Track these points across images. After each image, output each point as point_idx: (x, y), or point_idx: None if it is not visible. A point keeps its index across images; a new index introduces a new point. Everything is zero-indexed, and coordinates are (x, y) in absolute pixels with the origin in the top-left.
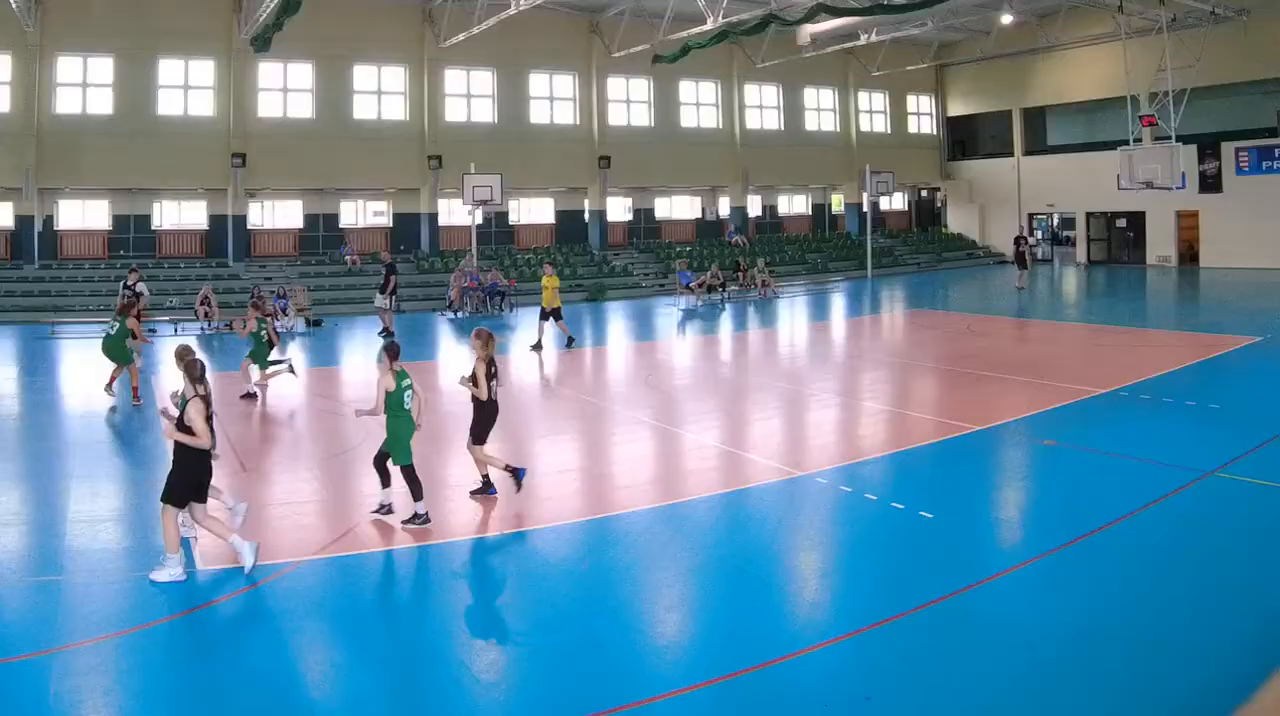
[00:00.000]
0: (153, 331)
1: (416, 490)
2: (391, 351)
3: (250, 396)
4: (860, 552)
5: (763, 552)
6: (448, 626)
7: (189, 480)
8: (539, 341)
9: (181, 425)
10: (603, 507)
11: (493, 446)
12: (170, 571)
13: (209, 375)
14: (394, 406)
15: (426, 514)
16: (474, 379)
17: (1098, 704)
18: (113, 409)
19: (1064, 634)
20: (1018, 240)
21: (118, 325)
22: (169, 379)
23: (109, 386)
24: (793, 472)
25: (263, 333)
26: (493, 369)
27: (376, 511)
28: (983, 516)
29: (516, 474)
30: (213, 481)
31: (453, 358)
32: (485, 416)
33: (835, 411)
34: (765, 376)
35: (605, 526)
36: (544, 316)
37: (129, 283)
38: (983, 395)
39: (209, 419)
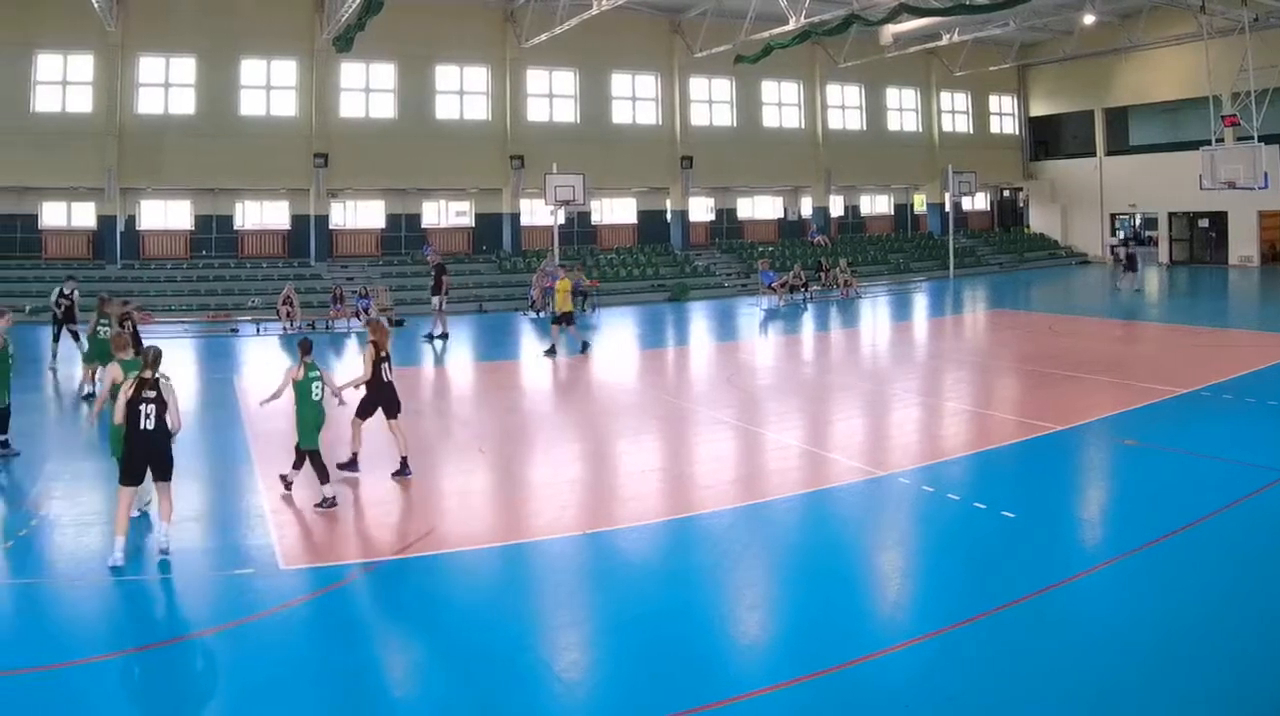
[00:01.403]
0: (234, 331)
1: (322, 474)
2: (304, 346)
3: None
4: (942, 552)
5: (845, 552)
6: (530, 626)
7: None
8: (552, 347)
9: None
10: (685, 508)
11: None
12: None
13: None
14: (302, 395)
15: (334, 498)
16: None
17: (1185, 707)
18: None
19: (1147, 634)
20: (1125, 242)
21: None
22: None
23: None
24: (875, 472)
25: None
26: (383, 354)
27: (319, 505)
28: (1065, 516)
29: (352, 465)
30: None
31: (533, 358)
32: (370, 397)
33: (917, 411)
34: (847, 376)
35: (687, 526)
36: (555, 321)
37: (66, 291)
38: (1064, 395)
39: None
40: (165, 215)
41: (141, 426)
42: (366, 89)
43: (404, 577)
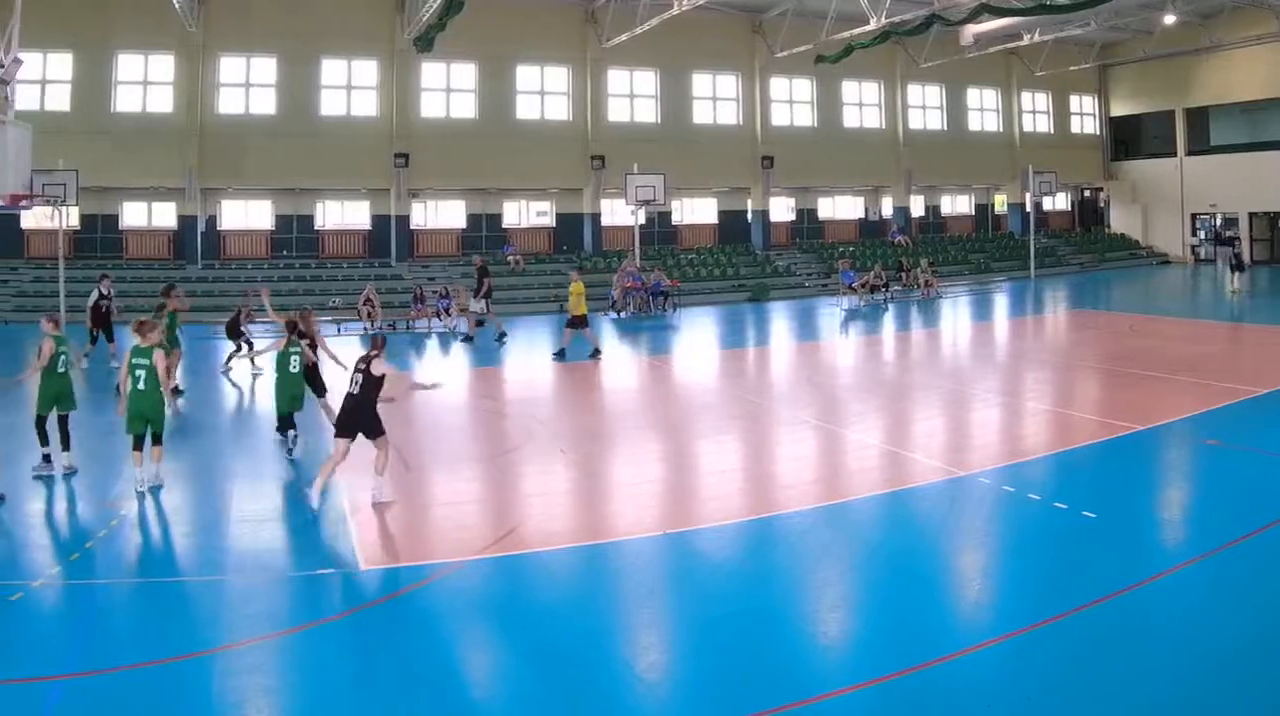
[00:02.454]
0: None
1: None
2: (289, 325)
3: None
4: (1022, 553)
5: (925, 552)
6: (610, 626)
7: None
8: (561, 350)
9: None
10: (766, 508)
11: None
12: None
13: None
14: (280, 367)
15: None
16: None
17: (1272, 712)
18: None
19: (1230, 635)
20: (1231, 241)
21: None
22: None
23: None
24: (955, 472)
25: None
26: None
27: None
28: (1146, 516)
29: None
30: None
31: (612, 358)
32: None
33: (998, 411)
34: (928, 376)
35: (768, 526)
36: (570, 324)
37: (104, 290)
38: (1145, 395)
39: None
40: (246, 215)
41: (349, 391)
42: (447, 89)
43: (485, 577)
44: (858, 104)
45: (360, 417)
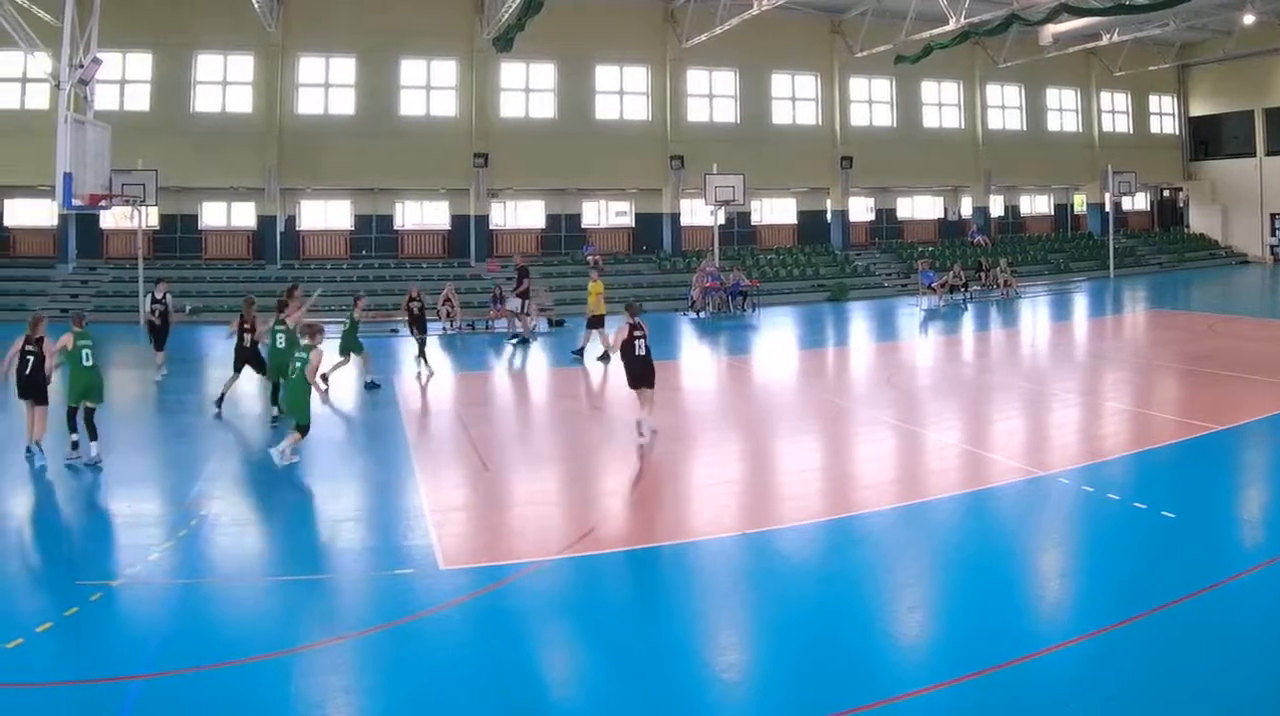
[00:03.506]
0: (394, 331)
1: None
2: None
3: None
4: (1102, 552)
5: (1004, 552)
6: (690, 626)
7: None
8: (581, 348)
9: None
10: (845, 508)
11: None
12: None
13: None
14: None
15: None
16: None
17: None
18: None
19: None
20: None
21: (349, 322)
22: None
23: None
24: (1034, 472)
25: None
26: (246, 326)
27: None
28: (1225, 516)
29: None
30: None
31: (693, 358)
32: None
33: (1077, 411)
34: (1007, 376)
35: (847, 526)
36: (590, 324)
37: (158, 295)
38: (1225, 395)
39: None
40: (325, 215)
41: (635, 353)
42: (526, 89)
43: (564, 577)
44: (937, 104)
45: (648, 371)
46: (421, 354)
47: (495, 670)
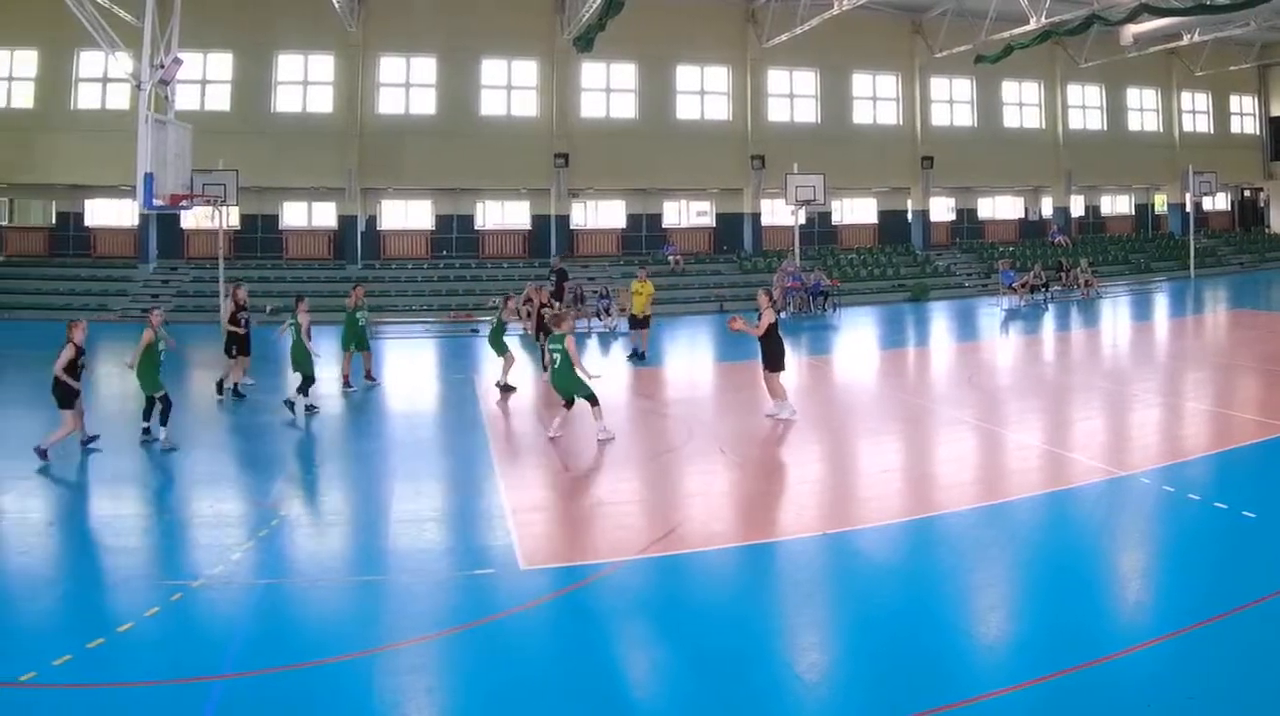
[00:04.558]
0: (475, 331)
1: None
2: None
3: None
4: (1182, 553)
5: (1084, 552)
6: (770, 626)
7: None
8: (637, 351)
9: None
10: (925, 508)
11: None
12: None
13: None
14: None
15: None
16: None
17: None
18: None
19: None
20: None
21: (495, 322)
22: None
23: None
24: (1115, 472)
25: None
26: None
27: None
28: None
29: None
30: None
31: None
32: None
33: (1158, 411)
34: (1088, 376)
35: (928, 527)
36: (633, 325)
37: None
38: None
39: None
40: (406, 215)
41: (777, 336)
42: (607, 89)
43: (645, 578)
44: (1018, 104)
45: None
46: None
47: (576, 670)
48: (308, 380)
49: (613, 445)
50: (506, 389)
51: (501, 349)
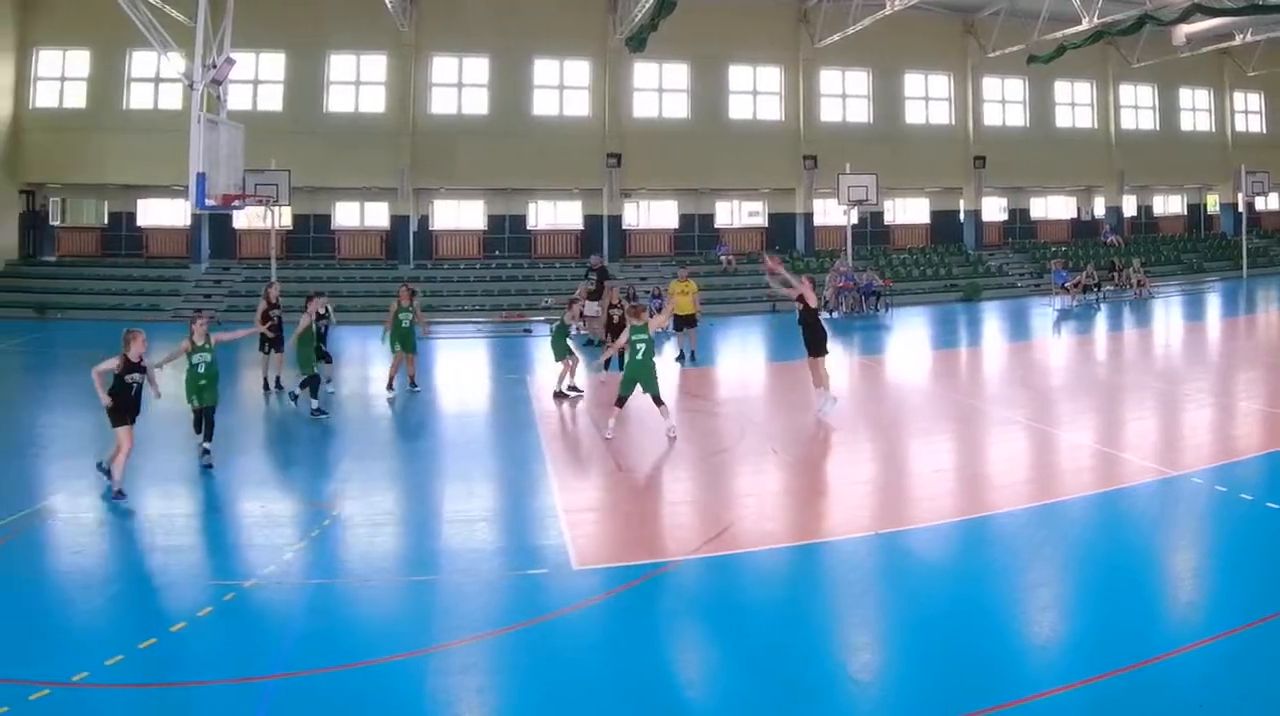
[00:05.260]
0: (528, 331)
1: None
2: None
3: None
4: (1234, 552)
5: (1137, 552)
6: (823, 626)
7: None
8: (685, 352)
9: None
10: (977, 508)
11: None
12: None
13: None
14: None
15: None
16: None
17: None
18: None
19: None
20: None
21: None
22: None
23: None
24: (1167, 472)
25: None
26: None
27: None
28: None
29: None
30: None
31: (827, 357)
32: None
33: (1210, 411)
34: (1140, 376)
35: (980, 526)
36: (681, 325)
37: (322, 310)
38: None
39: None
40: (458, 215)
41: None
42: (659, 89)
43: (698, 577)
44: (1070, 104)
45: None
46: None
47: (628, 670)
48: (308, 380)
49: (666, 445)
50: (571, 391)
51: (562, 352)
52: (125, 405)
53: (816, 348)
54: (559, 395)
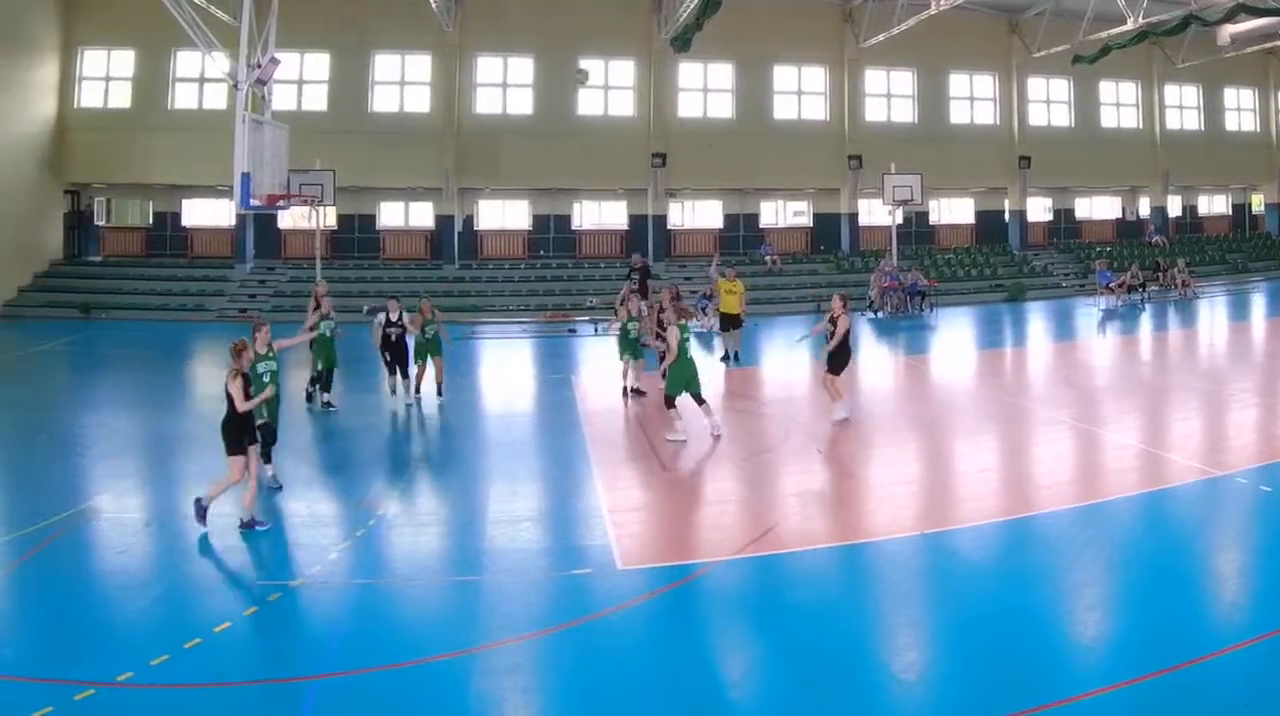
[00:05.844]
0: (572, 331)
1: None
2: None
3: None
4: None
5: (1182, 552)
6: (867, 626)
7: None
8: (730, 353)
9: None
10: (1022, 508)
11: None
12: None
13: None
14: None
15: None
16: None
17: None
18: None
19: None
20: None
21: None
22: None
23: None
24: (1212, 472)
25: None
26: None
27: None
28: None
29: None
30: None
31: (872, 358)
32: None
33: (1255, 411)
34: (1185, 376)
35: (1025, 526)
36: (726, 325)
37: (394, 317)
38: None
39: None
40: (503, 215)
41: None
42: (704, 89)
43: (742, 577)
44: (1115, 104)
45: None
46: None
47: (673, 670)
48: (321, 375)
49: (709, 445)
50: (637, 393)
51: (630, 351)
52: (246, 423)
53: (836, 366)
54: (636, 392)
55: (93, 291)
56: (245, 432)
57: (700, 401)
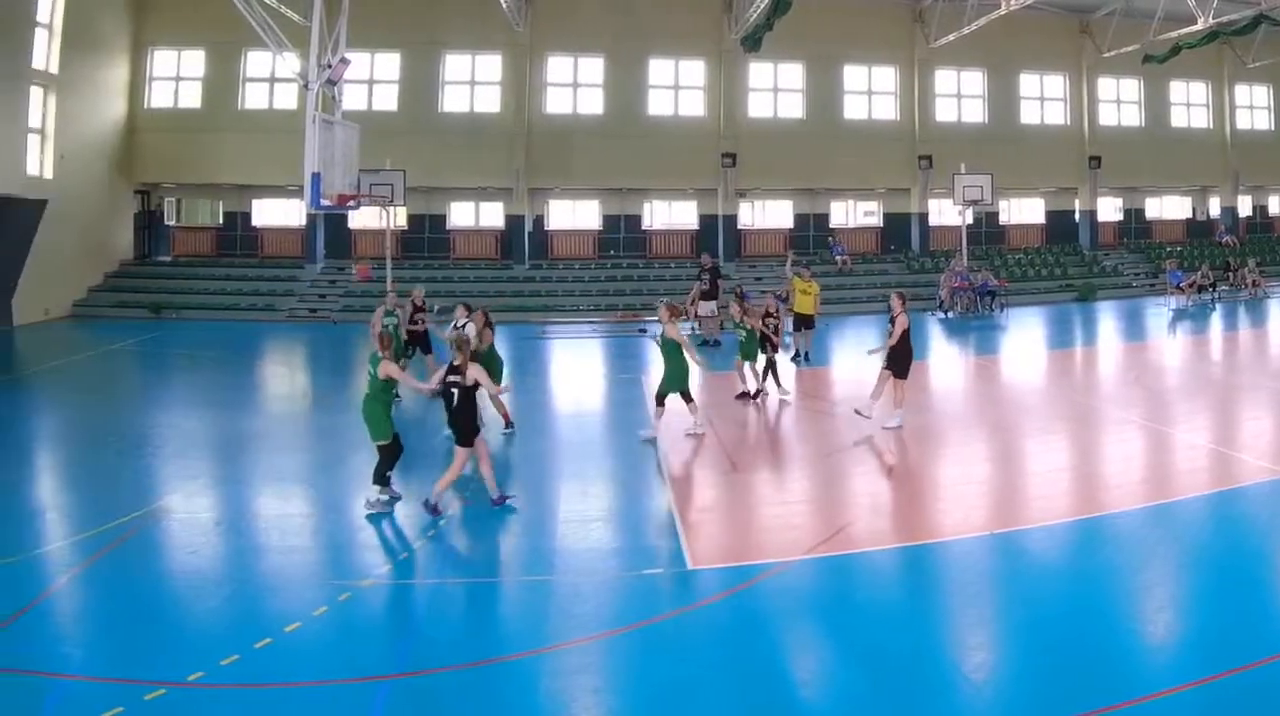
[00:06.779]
0: (643, 331)
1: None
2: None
3: (747, 395)
4: None
5: (1252, 552)
6: (937, 626)
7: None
8: (801, 352)
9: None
10: (1092, 508)
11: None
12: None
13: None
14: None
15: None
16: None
17: None
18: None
19: None
20: None
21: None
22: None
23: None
24: None
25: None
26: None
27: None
28: None
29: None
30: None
31: (942, 358)
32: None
33: None
34: (1255, 376)
35: (1095, 526)
36: (800, 325)
37: (460, 323)
38: None
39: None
40: (573, 215)
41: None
42: (775, 89)
43: (813, 577)
44: (1185, 104)
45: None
46: (771, 371)
47: (744, 670)
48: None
49: (780, 446)
50: (757, 393)
51: (751, 352)
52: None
53: (900, 368)
54: (757, 393)
55: (163, 291)
56: (475, 425)
57: (689, 400)
